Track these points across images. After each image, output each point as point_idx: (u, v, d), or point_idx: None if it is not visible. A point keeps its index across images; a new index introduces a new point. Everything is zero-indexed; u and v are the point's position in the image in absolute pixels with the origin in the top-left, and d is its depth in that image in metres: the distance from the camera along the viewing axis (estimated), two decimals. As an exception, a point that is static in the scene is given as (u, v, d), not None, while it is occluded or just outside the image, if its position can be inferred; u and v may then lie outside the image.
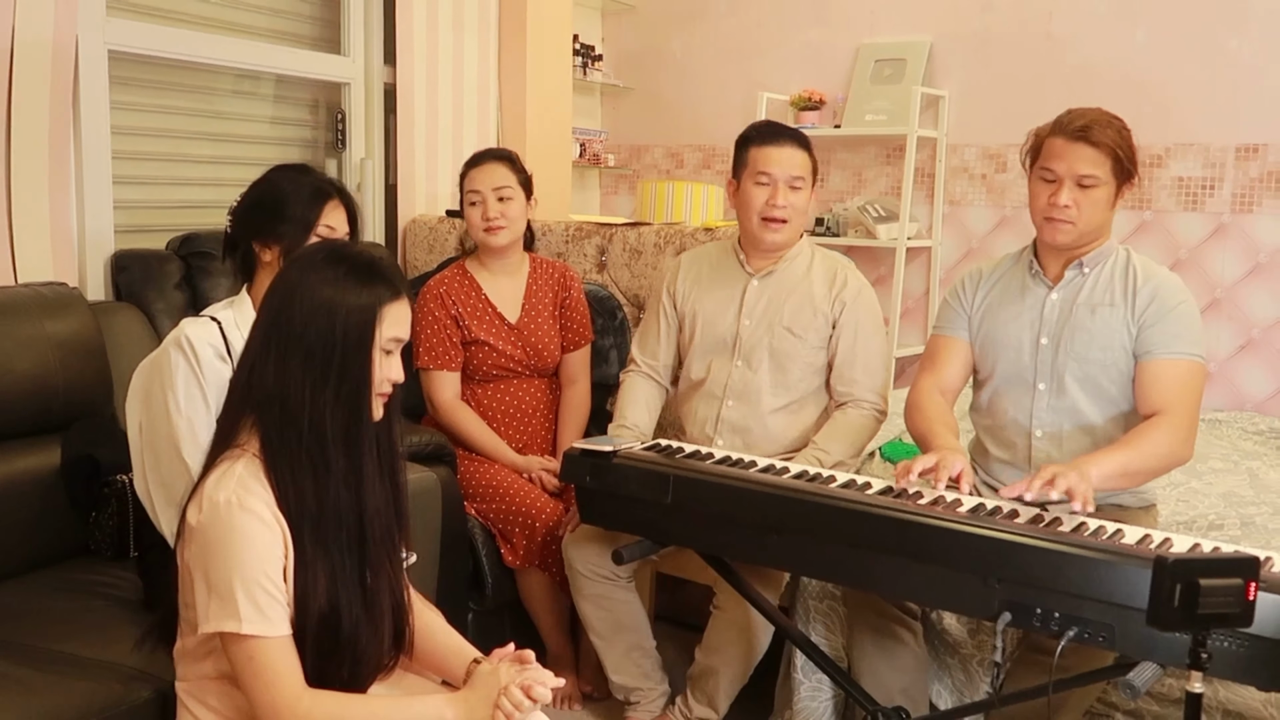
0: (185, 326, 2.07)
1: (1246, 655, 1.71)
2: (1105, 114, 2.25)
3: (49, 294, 2.60)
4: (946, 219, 4.63)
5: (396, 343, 1.68)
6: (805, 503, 2.07)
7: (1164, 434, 2.14)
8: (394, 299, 1.67)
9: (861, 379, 2.66)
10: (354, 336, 1.62)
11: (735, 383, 2.71)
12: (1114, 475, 2.09)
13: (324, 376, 1.61)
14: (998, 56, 4.44)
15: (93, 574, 2.37)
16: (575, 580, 2.66)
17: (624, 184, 5.47)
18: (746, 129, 2.72)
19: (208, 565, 1.56)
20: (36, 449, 2.49)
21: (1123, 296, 2.27)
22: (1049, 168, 2.25)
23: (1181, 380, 2.20)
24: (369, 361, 1.63)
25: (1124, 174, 2.24)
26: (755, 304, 2.72)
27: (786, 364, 2.68)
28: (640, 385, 2.86)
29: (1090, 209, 2.22)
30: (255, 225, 2.24)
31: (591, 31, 5.30)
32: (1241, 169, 4.00)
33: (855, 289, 2.68)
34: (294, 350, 1.61)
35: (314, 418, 1.60)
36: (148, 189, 3.39)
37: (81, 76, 2.93)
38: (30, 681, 1.86)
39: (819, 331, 2.67)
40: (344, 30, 3.86)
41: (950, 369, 2.45)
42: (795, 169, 2.63)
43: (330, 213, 2.24)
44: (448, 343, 2.98)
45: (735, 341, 2.72)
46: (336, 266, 1.65)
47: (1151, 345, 2.23)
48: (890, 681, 2.31)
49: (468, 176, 3.01)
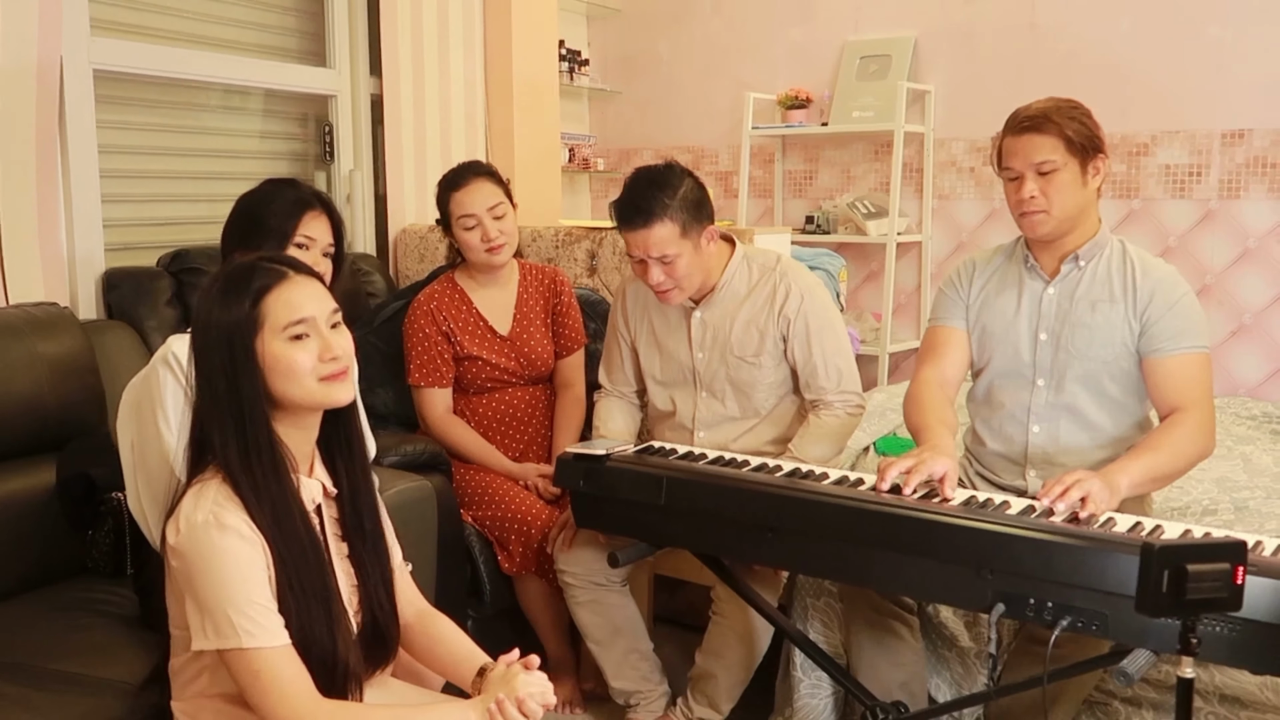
0: (172, 343, 2.07)
1: (1238, 639, 1.72)
2: (1054, 100, 2.25)
3: (40, 314, 2.60)
4: (936, 213, 4.64)
5: (302, 324, 1.62)
6: (798, 500, 2.07)
7: (1188, 431, 2.15)
8: (277, 284, 1.62)
9: (828, 384, 2.60)
10: (225, 348, 1.59)
11: (703, 414, 2.69)
12: (1144, 482, 2.10)
13: (227, 397, 1.59)
14: (982, 49, 4.45)
15: (90, 592, 2.37)
16: (568, 589, 2.67)
17: (614, 188, 5.46)
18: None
19: (194, 586, 1.55)
20: (32, 469, 2.49)
21: (1123, 292, 2.27)
22: (1009, 166, 2.26)
23: (1194, 375, 2.21)
24: (255, 373, 1.60)
25: (1083, 152, 2.21)
26: (702, 336, 2.66)
27: (750, 390, 2.65)
28: (615, 405, 2.85)
29: (1057, 194, 2.22)
30: (237, 236, 2.23)
31: (577, 36, 5.31)
32: (1228, 155, 4.01)
33: (797, 300, 2.58)
34: (202, 378, 1.62)
35: (234, 434, 1.59)
36: (137, 207, 3.39)
37: (67, 96, 2.93)
38: (29, 700, 1.86)
39: (771, 353, 2.61)
40: (329, 43, 3.86)
41: (950, 360, 2.42)
42: (655, 249, 2.46)
43: (309, 223, 2.22)
44: (439, 360, 2.98)
45: (694, 375, 2.69)
46: (215, 282, 1.65)
47: (1160, 343, 2.22)
48: (888, 676, 2.32)
49: (453, 200, 2.93)
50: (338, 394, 1.66)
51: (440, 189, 2.99)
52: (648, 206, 2.45)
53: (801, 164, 5.00)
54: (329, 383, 1.64)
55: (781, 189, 5.05)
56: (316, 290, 1.67)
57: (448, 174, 3.02)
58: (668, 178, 2.48)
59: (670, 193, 2.46)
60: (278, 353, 1.61)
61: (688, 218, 2.47)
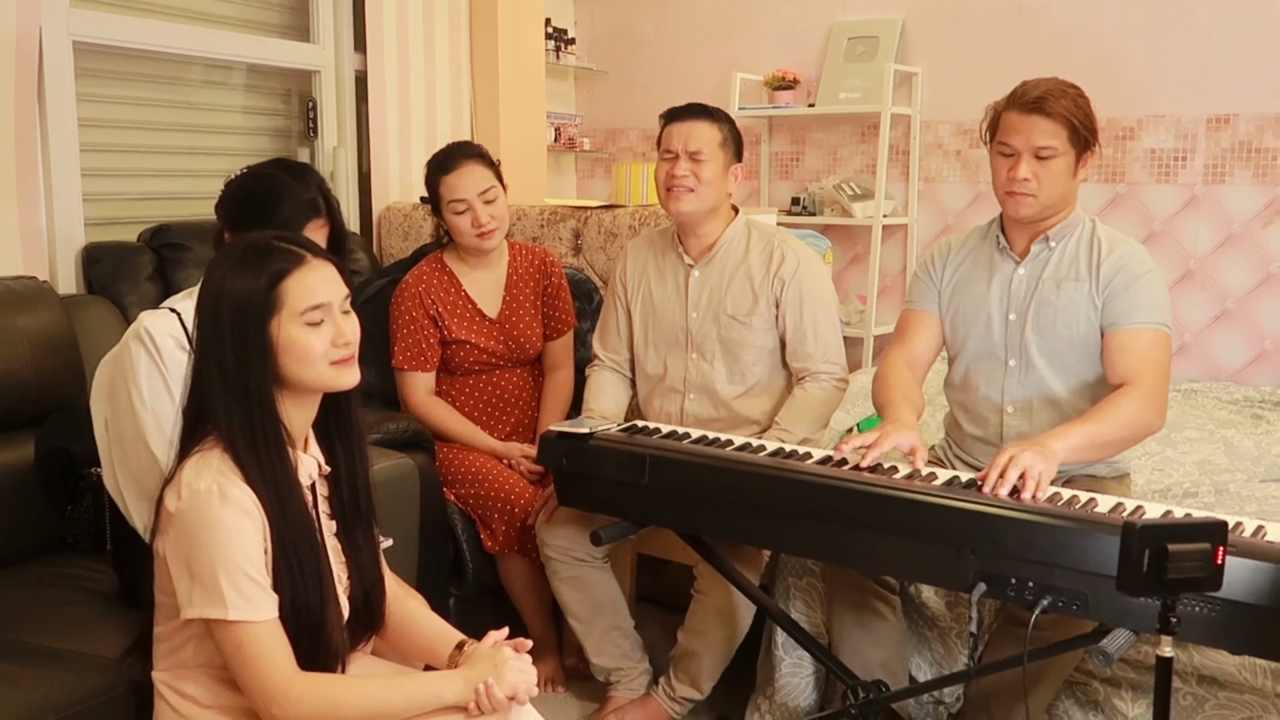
0: (144, 319, 2.04)
1: (1217, 619, 1.73)
2: (1060, 83, 2.24)
3: (19, 288, 2.58)
4: (922, 196, 4.64)
5: (319, 309, 1.64)
6: (781, 480, 2.07)
7: (1132, 404, 2.14)
8: (296, 267, 1.63)
9: (815, 352, 2.64)
10: (239, 326, 1.60)
11: (693, 376, 2.71)
12: (1081, 448, 2.08)
13: (236, 373, 1.60)
14: (969, 32, 4.44)
15: (69, 567, 2.36)
16: (549, 564, 2.67)
17: (600, 167, 5.46)
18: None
19: (189, 553, 1.56)
20: (10, 444, 2.48)
21: (1088, 270, 2.27)
22: (1006, 142, 2.24)
23: (1147, 350, 2.20)
24: (267, 353, 1.61)
25: (1082, 143, 2.22)
26: (699, 295, 2.70)
27: (738, 352, 2.68)
28: (606, 379, 2.86)
29: (1050, 180, 2.22)
30: (237, 216, 2.16)
31: (564, 15, 5.28)
32: (1213, 140, 4.02)
33: (793, 264, 2.64)
34: (207, 349, 1.62)
35: (240, 411, 1.60)
36: (118, 181, 3.36)
37: (46, 69, 2.90)
38: (8, 674, 1.86)
39: (763, 315, 2.65)
40: (313, 18, 3.83)
41: (919, 342, 2.45)
42: (695, 143, 2.59)
43: (312, 231, 2.15)
44: (424, 344, 2.96)
45: (686, 335, 2.72)
46: (229, 256, 1.65)
47: (1117, 316, 2.23)
48: (870, 656, 2.33)
49: (444, 183, 2.88)
50: (346, 378, 1.69)
51: (429, 170, 2.94)
52: (703, 108, 2.66)
53: (788, 145, 4.99)
54: (339, 367, 1.67)
55: (768, 170, 5.03)
56: (332, 275, 1.69)
57: (438, 155, 2.96)
58: (722, 109, 2.71)
59: (723, 113, 2.69)
60: (293, 336, 1.62)
61: (730, 137, 2.66)
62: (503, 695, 1.65)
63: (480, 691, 1.64)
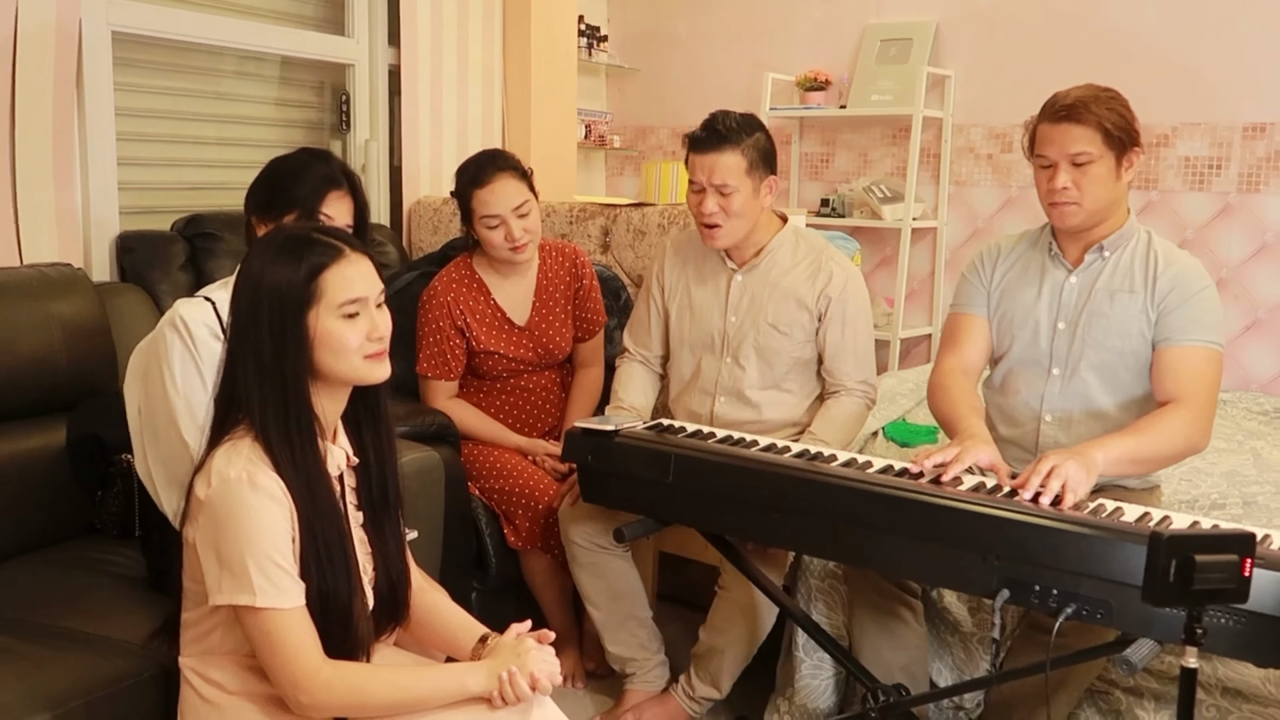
0: (179, 307, 2.07)
1: (1244, 632, 1.71)
2: (1093, 89, 2.21)
3: (54, 275, 2.61)
4: (952, 199, 4.61)
5: (356, 303, 1.66)
6: (806, 481, 2.07)
7: (1177, 421, 2.11)
8: (335, 261, 1.65)
9: (853, 370, 2.66)
10: (277, 316, 1.62)
11: (725, 380, 2.71)
12: (1121, 461, 2.06)
13: (273, 363, 1.62)
14: (1004, 36, 4.42)
15: (98, 552, 2.39)
16: (571, 550, 2.67)
17: (629, 165, 5.46)
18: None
19: (219, 540, 1.57)
20: (42, 429, 2.51)
21: (1143, 283, 2.24)
22: (1042, 154, 2.23)
23: (1198, 368, 2.17)
24: (304, 344, 1.63)
25: (1119, 145, 2.18)
26: (740, 300, 2.70)
27: (773, 359, 2.67)
28: (636, 371, 2.86)
29: (1091, 186, 2.19)
30: (261, 199, 2.21)
31: (597, 12, 5.28)
32: (1249, 148, 3.98)
33: (840, 282, 2.63)
34: (243, 338, 1.64)
35: (274, 401, 1.62)
36: (152, 170, 3.39)
37: (85, 58, 2.93)
38: (37, 657, 1.88)
39: (805, 328, 2.65)
40: (348, 11, 3.85)
41: (971, 349, 2.41)
42: (719, 176, 2.54)
43: (332, 202, 2.19)
44: (449, 355, 2.93)
45: (723, 339, 2.71)
46: (269, 246, 1.67)
47: (1170, 332, 2.20)
48: (891, 659, 2.32)
49: (476, 197, 2.79)
50: (379, 372, 1.72)
51: (460, 182, 2.86)
52: (723, 133, 2.55)
53: (818, 146, 4.98)
54: (372, 360, 1.69)
55: (798, 171, 5.03)
56: (369, 269, 1.70)
57: (469, 167, 2.86)
58: (748, 119, 2.61)
59: (748, 130, 2.58)
60: (330, 328, 1.64)
61: (756, 157, 2.57)
62: (525, 684, 1.65)
63: (503, 680, 1.64)
